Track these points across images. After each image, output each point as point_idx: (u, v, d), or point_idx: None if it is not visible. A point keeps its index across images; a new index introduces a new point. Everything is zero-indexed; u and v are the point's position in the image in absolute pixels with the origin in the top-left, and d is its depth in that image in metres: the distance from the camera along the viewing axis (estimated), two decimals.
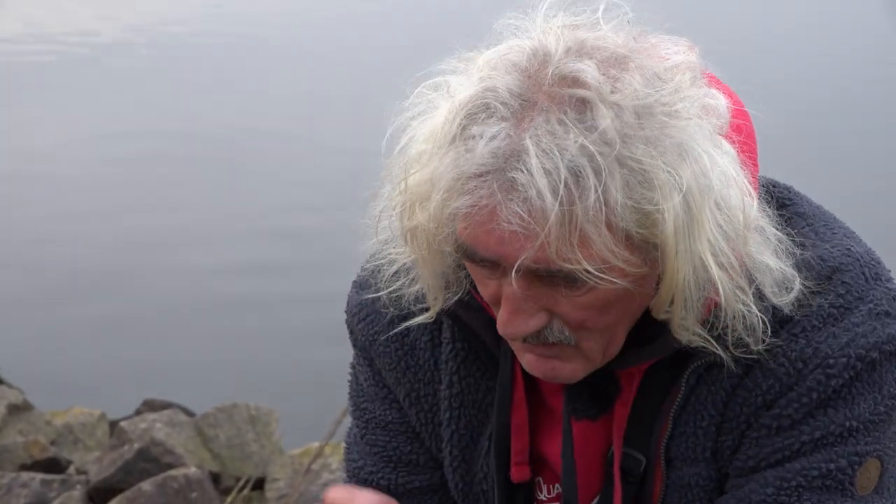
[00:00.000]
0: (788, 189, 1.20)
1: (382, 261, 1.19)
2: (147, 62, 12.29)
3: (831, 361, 1.14)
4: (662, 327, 1.11)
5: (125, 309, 7.15)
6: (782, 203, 1.17)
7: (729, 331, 1.08)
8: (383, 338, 1.31)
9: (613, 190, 0.96)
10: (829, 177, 7.65)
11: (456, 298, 1.20)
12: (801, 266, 1.12)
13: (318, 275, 6.10)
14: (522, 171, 0.97)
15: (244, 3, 16.08)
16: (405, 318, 1.24)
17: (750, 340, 1.10)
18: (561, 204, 0.96)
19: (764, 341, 1.09)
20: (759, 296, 1.08)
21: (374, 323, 1.31)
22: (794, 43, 14.46)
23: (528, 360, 1.15)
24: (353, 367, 1.36)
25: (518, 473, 1.28)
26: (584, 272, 1.00)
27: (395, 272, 1.19)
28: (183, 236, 7.37)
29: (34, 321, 6.76)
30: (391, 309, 1.24)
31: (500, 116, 0.99)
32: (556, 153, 0.97)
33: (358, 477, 1.39)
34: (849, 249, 1.17)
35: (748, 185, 1.03)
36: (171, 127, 9.67)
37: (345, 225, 1.18)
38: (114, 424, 4.60)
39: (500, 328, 1.10)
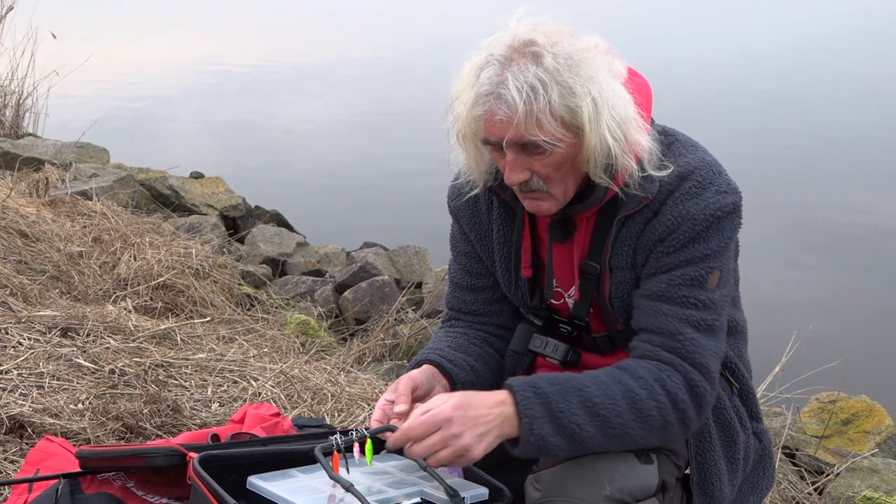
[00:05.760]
0: (674, 131, 1.51)
1: (460, 166, 1.52)
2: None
3: (696, 217, 1.42)
4: (593, 191, 1.42)
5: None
6: (667, 133, 1.49)
7: (631, 181, 1.39)
8: (463, 206, 1.60)
9: (554, 96, 1.30)
10: None
11: (496, 182, 1.49)
12: (679, 167, 1.43)
13: None
14: (505, 89, 1.32)
15: None
16: (471, 193, 1.54)
17: (643, 193, 1.39)
18: (525, 103, 1.30)
19: (652, 194, 1.37)
20: (641, 165, 1.38)
21: (458, 199, 1.62)
22: None
23: (526, 203, 1.44)
24: (451, 226, 1.69)
25: (525, 272, 1.57)
26: (542, 142, 1.32)
27: (466, 172, 1.53)
28: None
29: (346, 196, 7.24)
30: (466, 189, 1.55)
31: (494, 65, 1.33)
32: (521, 78, 1.31)
33: (452, 278, 1.68)
34: (703, 159, 1.47)
35: (632, 101, 1.35)
36: None
37: None
38: (348, 254, 5.36)
39: (506, 180, 1.39)
